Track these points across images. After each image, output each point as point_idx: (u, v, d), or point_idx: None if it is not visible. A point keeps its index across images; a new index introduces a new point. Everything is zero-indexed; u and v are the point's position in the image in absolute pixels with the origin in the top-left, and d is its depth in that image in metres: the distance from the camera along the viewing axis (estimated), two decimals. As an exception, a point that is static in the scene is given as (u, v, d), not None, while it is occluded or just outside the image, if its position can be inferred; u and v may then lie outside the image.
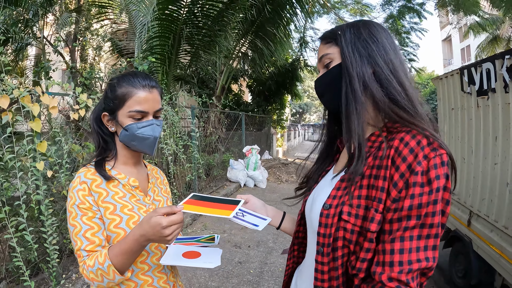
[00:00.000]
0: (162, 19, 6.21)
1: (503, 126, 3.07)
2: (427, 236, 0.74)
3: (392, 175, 0.78)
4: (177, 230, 0.97)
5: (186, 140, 5.43)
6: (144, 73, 1.19)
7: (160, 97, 1.20)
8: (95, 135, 1.22)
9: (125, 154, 1.22)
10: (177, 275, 1.31)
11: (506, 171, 3.00)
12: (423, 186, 0.74)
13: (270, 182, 9.72)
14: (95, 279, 1.01)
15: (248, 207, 1.22)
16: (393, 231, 0.76)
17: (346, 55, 0.90)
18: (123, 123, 1.13)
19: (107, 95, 1.16)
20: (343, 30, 0.93)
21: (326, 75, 0.95)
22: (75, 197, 1.08)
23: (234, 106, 13.31)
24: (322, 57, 0.96)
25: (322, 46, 0.97)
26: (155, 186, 1.32)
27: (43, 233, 2.88)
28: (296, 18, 9.54)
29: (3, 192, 2.66)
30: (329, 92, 0.96)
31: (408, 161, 0.76)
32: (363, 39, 0.90)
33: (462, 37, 28.70)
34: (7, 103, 2.63)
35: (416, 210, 0.74)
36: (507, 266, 2.91)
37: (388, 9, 13.86)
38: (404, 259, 0.73)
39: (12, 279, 3.09)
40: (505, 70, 2.95)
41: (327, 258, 0.87)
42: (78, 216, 1.07)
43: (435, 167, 0.74)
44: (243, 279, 3.81)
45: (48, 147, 2.90)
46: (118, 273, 1.00)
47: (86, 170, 1.14)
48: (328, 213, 0.87)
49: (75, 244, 1.05)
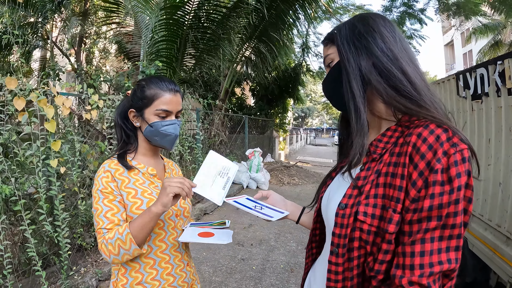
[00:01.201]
0: (168, 24, 6.37)
1: (495, 128, 3.19)
2: (449, 237, 0.71)
3: (411, 173, 0.74)
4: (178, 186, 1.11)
5: (192, 142, 5.58)
6: (169, 78, 1.35)
7: (181, 100, 1.36)
8: (119, 129, 1.38)
9: (145, 147, 1.38)
10: (190, 257, 1.46)
11: (499, 172, 3.11)
12: (443, 185, 0.70)
13: (272, 184, 9.84)
14: (112, 252, 1.14)
15: (269, 201, 1.27)
16: (413, 232, 0.73)
17: (342, 52, 0.90)
18: (149, 120, 1.29)
19: (136, 94, 1.32)
20: (339, 28, 0.94)
21: (329, 75, 0.96)
22: (99, 184, 1.24)
23: (237, 110, 13.43)
24: (325, 59, 0.98)
25: (324, 49, 0.99)
26: (171, 175, 1.47)
27: (56, 227, 3.03)
28: (298, 23, 9.68)
29: (19, 186, 2.81)
30: (333, 92, 0.95)
31: (427, 158, 0.72)
32: (358, 32, 0.89)
33: (464, 42, 28.80)
34: (23, 104, 2.78)
35: (437, 210, 0.70)
36: (500, 263, 2.99)
37: (389, 15, 14.00)
38: (425, 262, 0.70)
39: (23, 271, 3.23)
40: (497, 75, 3.07)
41: (342, 259, 0.85)
42: (100, 200, 1.22)
43: (455, 164, 0.70)
44: (246, 274, 3.94)
45: (62, 145, 3.05)
46: (134, 242, 1.13)
47: (110, 161, 1.31)
48: (344, 213, 0.84)
49: (97, 224, 1.20)
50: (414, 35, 14.22)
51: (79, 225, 3.57)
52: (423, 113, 0.80)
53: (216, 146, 9.02)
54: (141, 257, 1.27)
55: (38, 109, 2.85)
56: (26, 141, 2.90)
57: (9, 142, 2.81)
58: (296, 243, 4.98)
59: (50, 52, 8.30)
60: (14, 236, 3.35)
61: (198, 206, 6.50)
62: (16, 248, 3.26)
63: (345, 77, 0.89)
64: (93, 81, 5.58)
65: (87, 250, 3.83)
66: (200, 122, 7.10)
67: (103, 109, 3.56)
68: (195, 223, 1.40)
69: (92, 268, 3.63)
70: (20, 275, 3.22)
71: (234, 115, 11.13)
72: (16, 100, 2.76)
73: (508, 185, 2.96)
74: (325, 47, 0.98)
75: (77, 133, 3.44)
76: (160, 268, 1.29)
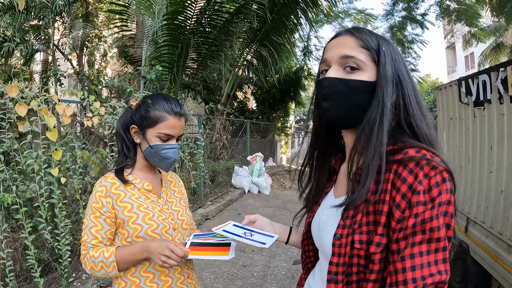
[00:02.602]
0: (170, 29, 6.39)
1: (498, 136, 3.18)
2: (435, 250, 0.72)
3: (394, 197, 0.77)
4: (172, 260, 1.16)
5: (193, 148, 5.58)
6: (176, 100, 1.36)
7: (184, 124, 1.37)
8: (120, 140, 1.39)
9: (143, 163, 1.39)
10: (192, 269, 1.46)
11: (501, 179, 3.10)
12: (426, 204, 0.73)
13: (274, 189, 9.83)
14: (93, 268, 1.23)
15: (256, 226, 1.27)
16: (401, 250, 0.74)
17: (383, 83, 0.84)
18: (150, 140, 1.30)
19: (140, 112, 1.32)
20: (387, 48, 0.87)
21: (357, 83, 0.85)
22: (93, 197, 1.27)
23: (239, 114, 13.45)
24: (348, 57, 0.85)
25: (354, 44, 0.86)
26: (168, 189, 1.47)
27: (56, 235, 3.03)
28: (300, 27, 9.71)
29: (20, 194, 2.82)
30: (348, 101, 0.86)
31: (408, 182, 0.75)
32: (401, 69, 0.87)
33: (465, 44, 28.77)
34: (25, 111, 2.78)
35: (420, 226, 0.72)
36: (501, 271, 2.98)
37: (390, 18, 14.03)
38: (417, 276, 0.71)
39: (24, 278, 3.24)
40: (500, 82, 3.06)
41: (341, 284, 0.86)
42: (89, 214, 1.26)
43: (436, 185, 0.73)
44: (247, 281, 3.94)
45: (63, 153, 3.06)
46: (117, 269, 1.21)
47: (107, 175, 1.33)
48: (340, 243, 0.85)
49: (83, 236, 1.26)
50: (416, 40, 14.24)
51: (81, 231, 3.55)
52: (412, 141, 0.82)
53: (217, 151, 9.03)
54: (140, 271, 1.28)
55: (39, 118, 2.85)
56: (28, 149, 2.91)
57: (11, 150, 2.82)
58: (297, 250, 4.95)
59: (52, 56, 8.33)
60: (15, 241, 3.36)
61: (200, 211, 6.50)
62: (18, 254, 3.26)
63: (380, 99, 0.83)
64: (95, 86, 5.60)
65: (88, 256, 3.81)
66: (202, 127, 7.11)
67: (104, 116, 3.56)
68: (197, 234, 1.39)
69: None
70: (22, 281, 3.23)
71: (236, 120, 11.14)
72: (18, 106, 2.76)
73: (510, 193, 2.94)
74: (358, 46, 0.86)
75: (78, 140, 3.44)
76: (160, 281, 1.29)
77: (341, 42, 0.88)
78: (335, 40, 0.90)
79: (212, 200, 7.50)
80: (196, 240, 1.30)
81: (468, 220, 3.70)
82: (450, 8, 12.66)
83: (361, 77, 0.85)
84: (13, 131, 2.99)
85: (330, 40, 0.92)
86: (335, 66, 0.87)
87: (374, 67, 0.85)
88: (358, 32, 0.87)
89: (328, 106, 0.87)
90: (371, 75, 0.85)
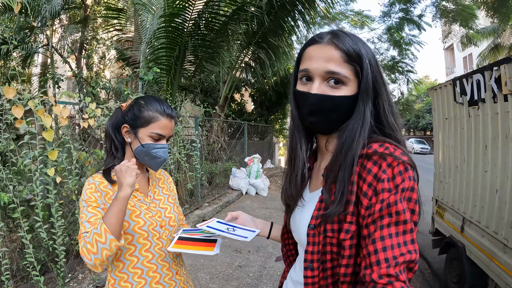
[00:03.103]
0: (168, 31, 6.41)
1: (492, 135, 3.19)
2: (403, 232, 0.76)
3: (361, 187, 0.83)
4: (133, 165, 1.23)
5: (189, 149, 5.59)
6: (167, 102, 1.40)
7: (174, 126, 1.41)
8: (109, 140, 1.42)
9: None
10: (181, 265, 1.47)
11: (496, 178, 3.11)
12: (390, 191, 0.78)
13: (271, 190, 9.82)
14: (91, 251, 1.13)
15: (239, 222, 1.31)
16: (371, 233, 0.78)
17: (364, 97, 0.89)
18: (142, 139, 1.33)
19: (133, 112, 1.35)
20: (369, 60, 0.89)
21: (342, 99, 0.88)
22: (84, 195, 1.28)
23: (236, 116, 13.46)
24: (334, 73, 0.87)
25: (338, 58, 0.87)
26: (155, 187, 1.50)
27: (53, 234, 3.04)
28: (297, 29, 9.72)
29: (17, 194, 2.83)
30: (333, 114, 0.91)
31: (373, 172, 0.81)
32: (381, 81, 0.91)
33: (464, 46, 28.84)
34: (21, 113, 2.80)
35: (386, 209, 0.77)
36: (497, 270, 2.99)
37: (387, 20, 14.08)
38: (389, 256, 0.74)
39: (21, 277, 3.24)
40: (494, 81, 3.08)
41: (317, 271, 0.91)
42: (84, 208, 1.25)
43: (400, 173, 0.79)
44: (243, 282, 3.94)
45: (59, 153, 3.07)
46: (109, 231, 1.14)
47: (95, 175, 1.36)
48: (314, 233, 0.91)
49: (80, 230, 1.22)
50: (413, 41, 14.29)
51: (77, 232, 3.57)
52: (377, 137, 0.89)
53: (215, 153, 9.03)
54: (128, 267, 1.30)
55: (36, 118, 2.87)
56: (25, 149, 2.92)
57: (7, 151, 2.83)
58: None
59: (50, 59, 8.34)
60: (12, 242, 3.36)
61: (197, 212, 6.50)
62: (15, 254, 3.27)
63: (360, 117, 0.88)
64: (92, 88, 5.61)
65: (85, 257, 3.81)
66: (199, 129, 7.12)
67: (100, 118, 3.57)
68: (186, 229, 1.41)
69: (89, 274, 3.63)
70: (18, 280, 3.23)
71: (234, 121, 11.15)
72: (15, 108, 2.78)
73: (505, 192, 2.95)
74: (342, 62, 0.87)
75: (74, 141, 3.45)
76: (148, 277, 1.32)
77: (324, 55, 0.88)
78: (317, 48, 0.90)
79: (210, 201, 7.50)
80: (185, 235, 1.33)
81: (464, 220, 3.70)
82: (447, 9, 12.71)
83: (345, 92, 0.88)
84: (10, 132, 3.01)
85: (310, 45, 0.92)
86: (319, 79, 0.88)
87: (356, 80, 0.89)
88: (341, 43, 0.87)
89: (314, 121, 0.92)
90: (353, 89, 0.89)
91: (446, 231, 4.17)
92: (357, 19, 14.96)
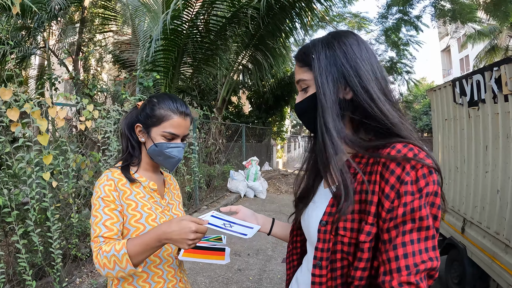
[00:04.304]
0: (166, 34, 6.39)
1: (492, 135, 3.18)
2: (425, 238, 0.75)
3: (383, 188, 0.80)
4: (198, 240, 1.09)
5: (187, 152, 5.56)
6: (181, 100, 1.34)
7: (190, 124, 1.35)
8: (125, 139, 1.38)
9: (148, 162, 1.38)
10: (184, 271, 1.45)
11: (497, 179, 3.09)
12: (413, 194, 0.76)
13: (270, 193, 9.80)
14: (107, 265, 1.08)
15: (238, 217, 1.28)
16: (392, 238, 0.77)
17: (319, 86, 0.89)
18: (155, 139, 1.28)
19: (146, 111, 1.31)
20: (317, 52, 0.90)
21: (304, 102, 0.95)
22: (101, 191, 1.21)
23: (234, 118, 13.44)
24: (299, 81, 0.95)
25: (298, 68, 0.95)
26: (170, 191, 1.47)
27: (49, 238, 3.00)
28: (295, 32, 9.71)
29: (13, 197, 2.79)
30: (307, 117, 0.96)
31: (396, 173, 0.78)
32: (340, 63, 0.88)
33: (461, 47, 28.96)
34: (17, 115, 2.76)
35: (409, 215, 0.75)
36: (499, 271, 2.97)
37: (385, 21, 14.10)
38: (410, 263, 0.73)
39: (17, 282, 3.19)
40: (494, 82, 3.07)
41: (325, 270, 0.89)
42: (100, 207, 1.19)
43: (423, 176, 0.77)
44: (242, 285, 3.90)
45: (56, 156, 3.03)
46: (131, 263, 1.07)
47: (113, 170, 1.30)
48: (325, 229, 0.89)
49: (94, 232, 1.16)
50: (411, 41, 14.31)
51: (74, 236, 3.53)
52: (399, 134, 0.86)
53: (213, 155, 9.00)
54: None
55: (32, 120, 2.83)
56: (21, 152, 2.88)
57: (3, 154, 2.79)
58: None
59: (47, 60, 8.30)
60: (9, 246, 3.32)
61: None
62: (11, 258, 3.22)
63: (320, 111, 0.89)
64: (89, 90, 5.57)
65: (83, 260, 3.78)
66: (197, 131, 7.09)
67: (97, 120, 3.54)
68: None
69: (87, 279, 3.59)
70: (15, 285, 3.18)
71: (231, 124, 11.13)
72: (10, 111, 2.74)
73: (506, 192, 2.94)
74: (299, 68, 0.95)
75: (71, 143, 3.41)
76: (153, 282, 1.28)
77: (295, 70, 0.99)
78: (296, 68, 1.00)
79: (208, 204, 7.47)
80: None
81: (465, 221, 3.68)
82: (445, 8, 12.74)
83: (310, 93, 0.93)
84: (6, 134, 2.97)
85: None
86: (299, 91, 0.98)
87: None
88: (296, 56, 0.97)
89: (303, 123, 1.02)
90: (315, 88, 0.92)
91: (447, 232, 4.14)
92: (355, 21, 14.99)
